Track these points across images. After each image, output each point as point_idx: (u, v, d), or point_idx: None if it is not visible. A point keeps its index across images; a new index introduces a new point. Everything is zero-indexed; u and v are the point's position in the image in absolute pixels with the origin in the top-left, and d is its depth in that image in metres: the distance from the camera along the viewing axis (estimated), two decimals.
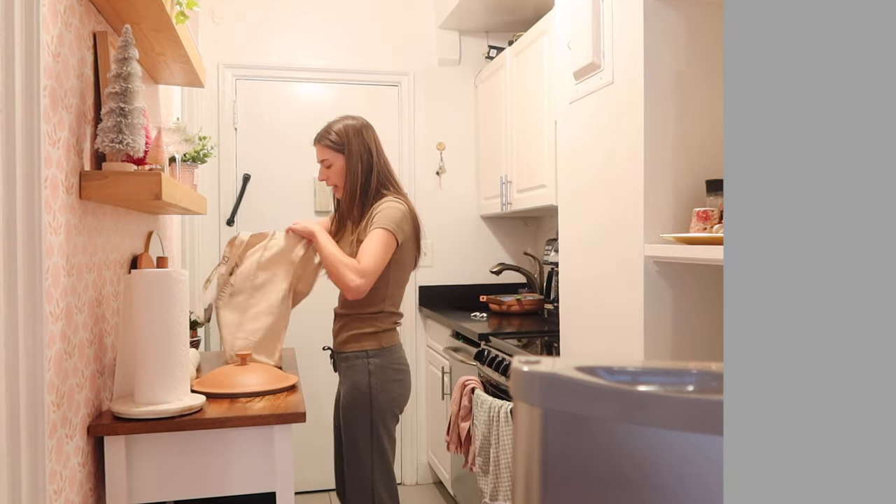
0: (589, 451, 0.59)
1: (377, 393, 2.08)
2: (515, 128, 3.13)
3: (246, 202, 3.49)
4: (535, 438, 0.63)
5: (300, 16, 3.55)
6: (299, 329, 3.17)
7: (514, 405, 0.68)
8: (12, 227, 1.14)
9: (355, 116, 2.22)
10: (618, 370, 0.68)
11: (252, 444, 1.61)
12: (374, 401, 2.08)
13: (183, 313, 1.58)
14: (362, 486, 2.08)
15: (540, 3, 3.21)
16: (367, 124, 2.20)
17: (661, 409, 0.56)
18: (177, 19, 1.69)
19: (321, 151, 2.20)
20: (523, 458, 0.65)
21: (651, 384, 0.68)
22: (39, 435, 1.20)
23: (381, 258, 2.02)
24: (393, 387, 2.11)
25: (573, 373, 0.64)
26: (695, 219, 1.61)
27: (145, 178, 1.47)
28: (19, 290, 1.15)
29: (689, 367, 0.69)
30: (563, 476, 0.61)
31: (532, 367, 0.66)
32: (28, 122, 1.17)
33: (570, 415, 0.61)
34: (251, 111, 3.50)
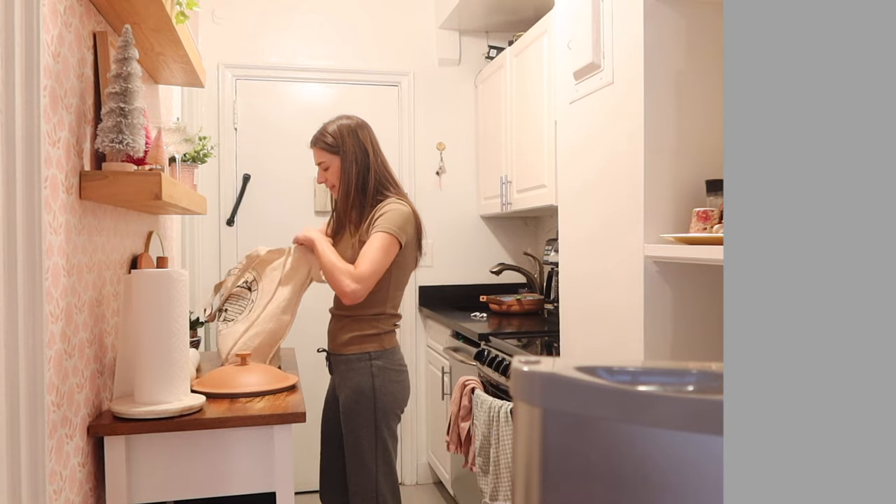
0: (589, 451, 0.59)
1: (381, 395, 2.07)
2: (515, 128, 3.13)
3: (246, 202, 3.49)
4: (535, 438, 0.63)
5: (300, 16, 3.55)
6: (299, 328, 3.17)
7: (514, 405, 0.68)
8: (12, 227, 1.14)
9: (350, 116, 2.20)
10: (618, 370, 0.68)
11: (252, 444, 1.61)
12: (377, 402, 2.07)
13: (183, 313, 1.58)
14: (366, 488, 2.07)
15: (540, 3, 3.21)
16: (362, 123, 2.18)
17: (661, 409, 0.56)
18: (177, 19, 1.68)
19: (317, 154, 2.17)
20: (523, 458, 0.65)
21: (651, 384, 0.68)
22: (39, 435, 1.20)
23: (380, 262, 2.00)
24: (395, 388, 2.10)
25: (573, 373, 0.64)
26: (695, 219, 1.61)
27: (145, 178, 1.47)
28: (19, 291, 1.15)
29: (689, 367, 0.69)
30: (563, 476, 0.61)
31: (532, 367, 0.66)
32: (28, 122, 1.17)
33: (570, 415, 0.61)
34: (251, 111, 3.50)
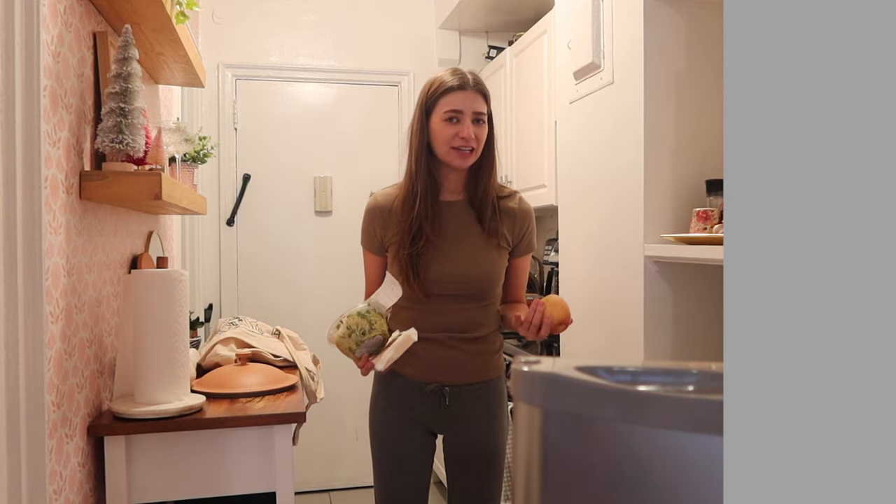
0: (589, 451, 0.59)
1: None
2: (515, 128, 3.13)
3: (246, 202, 3.49)
4: (535, 438, 0.63)
5: (300, 16, 3.55)
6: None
7: (514, 405, 0.68)
8: (12, 227, 1.14)
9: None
10: (618, 370, 0.68)
11: (252, 444, 1.61)
12: (508, 429, 1.75)
13: (183, 313, 1.58)
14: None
15: (540, 3, 3.21)
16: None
17: (661, 409, 0.56)
18: (177, 19, 1.68)
19: (479, 101, 1.62)
20: (523, 458, 0.65)
21: (651, 384, 0.68)
22: (39, 435, 1.19)
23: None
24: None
25: (573, 373, 0.64)
26: (695, 219, 1.61)
27: (145, 178, 1.47)
28: (19, 290, 1.15)
29: (689, 367, 0.69)
30: (563, 476, 0.61)
31: (532, 367, 0.66)
32: (28, 122, 1.17)
33: (570, 415, 0.61)
34: (251, 111, 3.50)
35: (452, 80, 1.60)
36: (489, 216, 1.64)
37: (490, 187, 1.66)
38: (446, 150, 1.60)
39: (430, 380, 1.64)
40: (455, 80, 1.60)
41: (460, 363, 1.64)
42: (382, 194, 1.70)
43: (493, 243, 1.65)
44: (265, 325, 2.33)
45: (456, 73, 1.62)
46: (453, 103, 1.58)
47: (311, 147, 3.55)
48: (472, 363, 1.65)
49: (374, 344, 1.50)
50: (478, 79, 1.64)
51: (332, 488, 3.55)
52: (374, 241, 1.69)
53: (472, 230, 1.65)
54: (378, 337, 1.49)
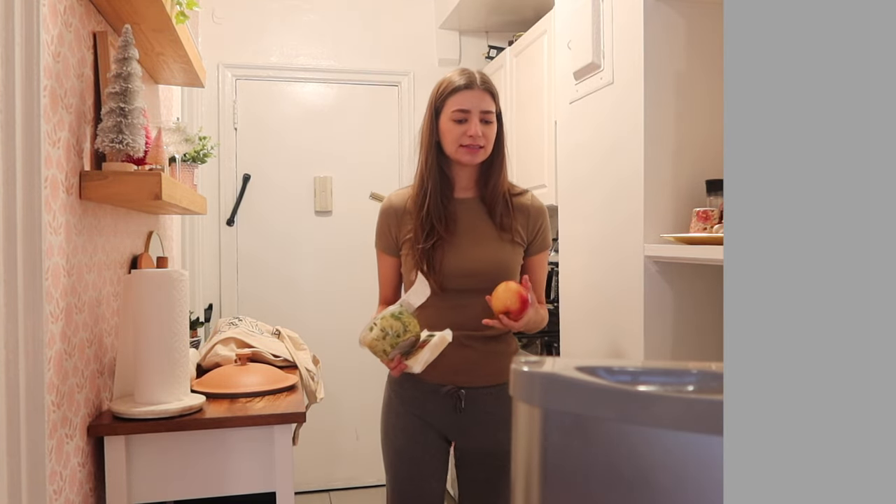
0: (589, 451, 0.59)
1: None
2: (515, 128, 3.13)
3: (246, 202, 3.49)
4: (535, 438, 0.63)
5: (300, 16, 3.55)
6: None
7: (515, 405, 0.68)
8: (12, 227, 1.14)
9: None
10: (618, 370, 0.68)
11: (252, 444, 1.61)
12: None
13: (183, 313, 1.58)
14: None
15: (540, 3, 3.21)
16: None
17: (661, 409, 0.56)
18: (177, 19, 1.68)
19: (486, 99, 1.63)
20: (523, 458, 0.65)
21: (651, 384, 0.68)
22: (39, 435, 1.20)
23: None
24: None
25: (573, 373, 0.64)
26: (695, 219, 1.61)
27: (145, 178, 1.47)
28: (19, 291, 1.15)
29: (689, 367, 0.69)
30: (563, 476, 0.61)
31: (532, 367, 0.66)
32: (28, 122, 1.17)
33: (570, 415, 0.61)
34: (251, 111, 3.50)
35: (460, 79, 1.63)
36: (501, 211, 1.66)
37: (501, 183, 1.68)
38: (455, 148, 1.62)
39: (445, 381, 1.63)
40: (463, 79, 1.62)
41: (476, 363, 1.63)
42: (397, 195, 1.73)
43: (507, 238, 1.65)
44: (265, 325, 2.33)
45: (464, 73, 1.64)
46: (461, 102, 1.61)
47: (311, 147, 3.55)
48: (488, 364, 1.64)
49: (407, 345, 1.49)
50: (485, 78, 1.66)
51: (332, 488, 3.55)
52: (388, 241, 1.70)
53: (484, 225, 1.66)
54: (411, 338, 1.49)
